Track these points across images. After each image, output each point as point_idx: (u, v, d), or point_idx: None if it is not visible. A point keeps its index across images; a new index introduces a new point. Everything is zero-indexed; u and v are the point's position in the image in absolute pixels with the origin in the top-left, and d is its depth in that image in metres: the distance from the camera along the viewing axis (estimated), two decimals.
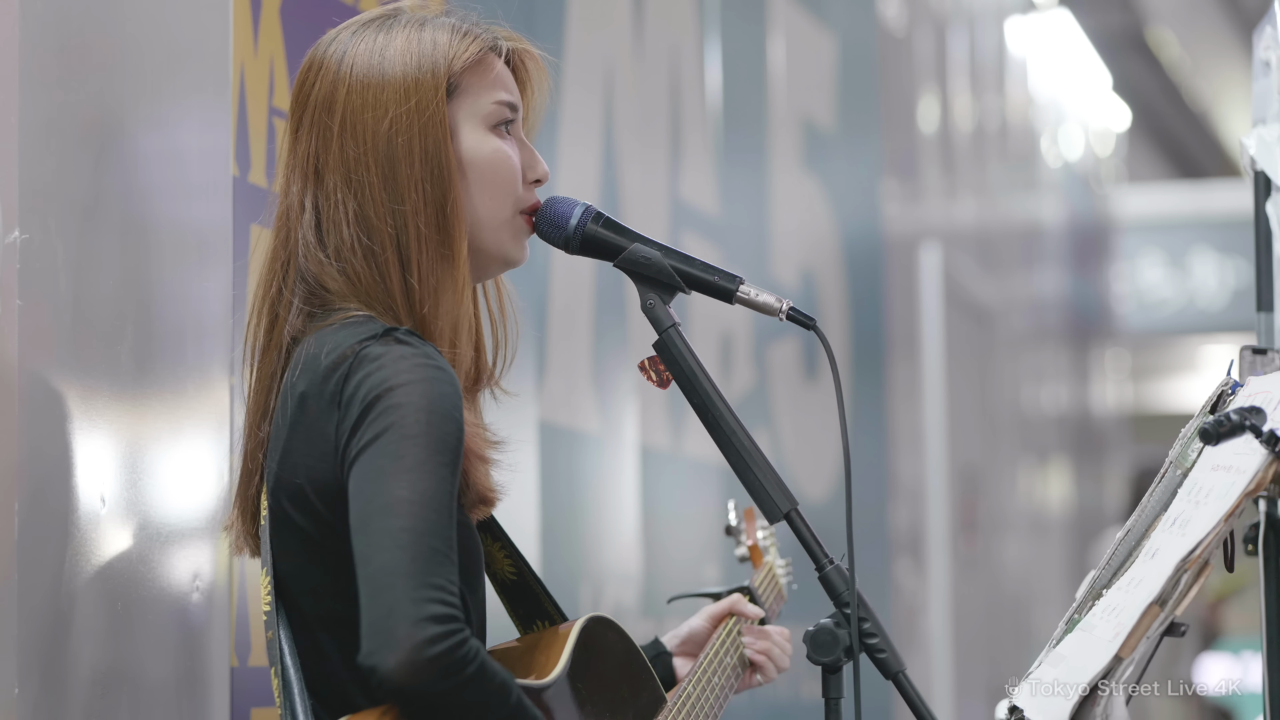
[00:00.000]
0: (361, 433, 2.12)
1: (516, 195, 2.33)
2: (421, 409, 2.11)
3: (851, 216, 6.39)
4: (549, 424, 4.02)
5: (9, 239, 2.33)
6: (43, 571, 2.34)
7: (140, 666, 2.53)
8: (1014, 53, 9.31)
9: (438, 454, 2.10)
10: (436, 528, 2.06)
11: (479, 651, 2.03)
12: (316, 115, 2.29)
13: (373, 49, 2.29)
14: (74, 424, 2.41)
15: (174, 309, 2.64)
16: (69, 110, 2.44)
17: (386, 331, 2.19)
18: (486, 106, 2.32)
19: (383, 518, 2.06)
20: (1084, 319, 11.42)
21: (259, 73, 2.92)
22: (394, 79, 2.27)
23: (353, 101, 2.27)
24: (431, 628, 2.00)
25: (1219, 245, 13.02)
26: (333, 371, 2.18)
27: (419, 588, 2.02)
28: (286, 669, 2.21)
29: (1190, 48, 13.40)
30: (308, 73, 2.32)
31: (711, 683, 2.60)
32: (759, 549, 2.95)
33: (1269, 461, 2.39)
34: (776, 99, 5.71)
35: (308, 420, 2.19)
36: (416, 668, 1.99)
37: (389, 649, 2.00)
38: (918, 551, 7.11)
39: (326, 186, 2.27)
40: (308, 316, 2.27)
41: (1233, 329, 12.47)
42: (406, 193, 2.26)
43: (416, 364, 2.15)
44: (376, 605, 2.02)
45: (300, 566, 2.22)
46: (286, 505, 2.22)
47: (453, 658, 2.00)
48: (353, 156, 2.26)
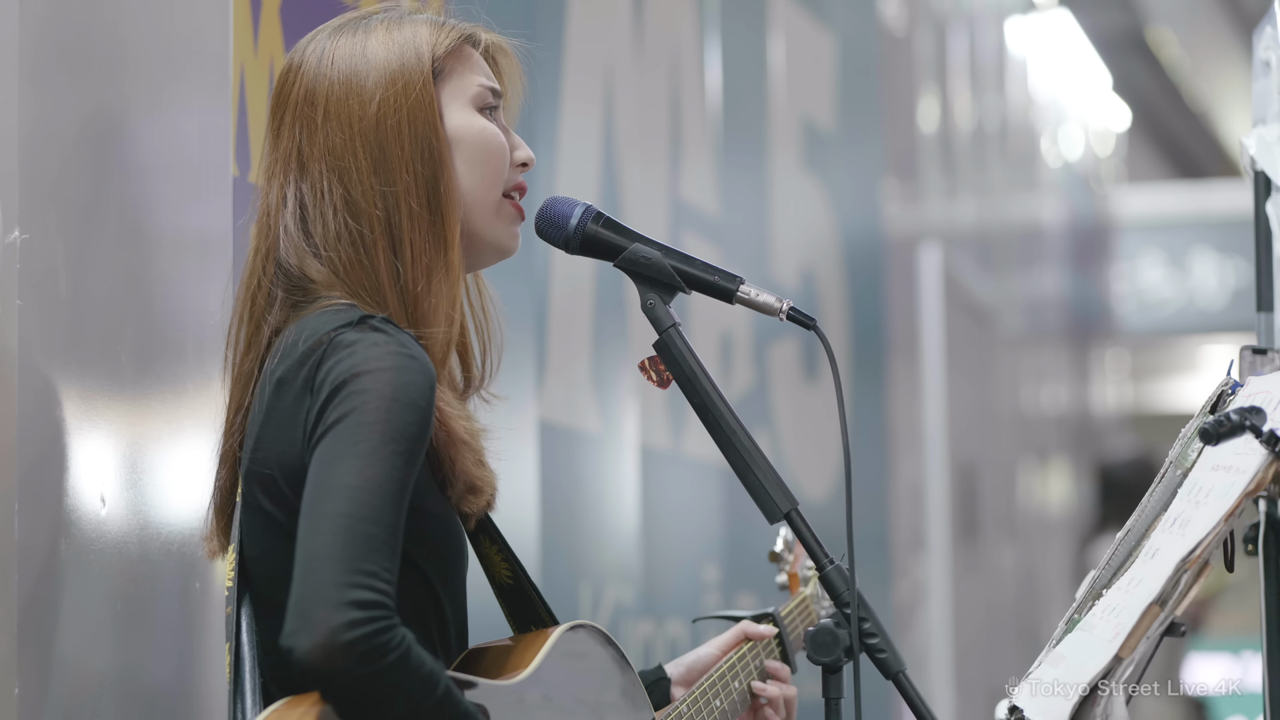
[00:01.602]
0: (325, 418, 2.12)
1: (505, 174, 2.34)
2: (384, 395, 2.11)
3: (851, 216, 6.39)
4: (549, 424, 4.02)
5: (9, 239, 2.33)
6: (43, 571, 2.34)
7: (140, 666, 2.53)
8: (1014, 53, 9.31)
9: (392, 441, 2.09)
10: (378, 514, 2.06)
11: (404, 640, 2.02)
12: (298, 110, 2.30)
13: (353, 44, 2.31)
14: (74, 424, 2.41)
15: (174, 309, 2.64)
16: (69, 110, 2.44)
17: (362, 319, 2.19)
18: (472, 87, 2.34)
19: (325, 502, 2.06)
20: (1084, 319, 11.43)
21: (259, 73, 2.92)
22: (378, 66, 2.29)
23: (336, 92, 2.28)
24: (352, 612, 1.99)
25: (1219, 245, 13.02)
26: (307, 358, 2.18)
27: (346, 573, 2.01)
28: (241, 645, 2.22)
29: (1190, 48, 13.39)
30: (287, 74, 2.33)
31: (710, 705, 2.55)
32: (798, 578, 2.88)
33: (1269, 461, 2.39)
34: (776, 99, 5.71)
35: (281, 406, 2.19)
36: (330, 651, 1.99)
37: (306, 631, 2.00)
38: (918, 552, 7.10)
39: (311, 176, 2.28)
40: (290, 308, 2.27)
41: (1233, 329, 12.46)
42: (398, 174, 2.27)
43: (387, 351, 2.15)
44: (301, 587, 2.02)
45: (267, 553, 2.21)
46: (258, 493, 2.22)
47: (371, 644, 1.99)
48: (339, 143, 2.27)
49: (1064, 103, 10.73)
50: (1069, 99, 10.87)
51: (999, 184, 8.93)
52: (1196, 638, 9.64)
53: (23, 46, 2.36)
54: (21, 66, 2.35)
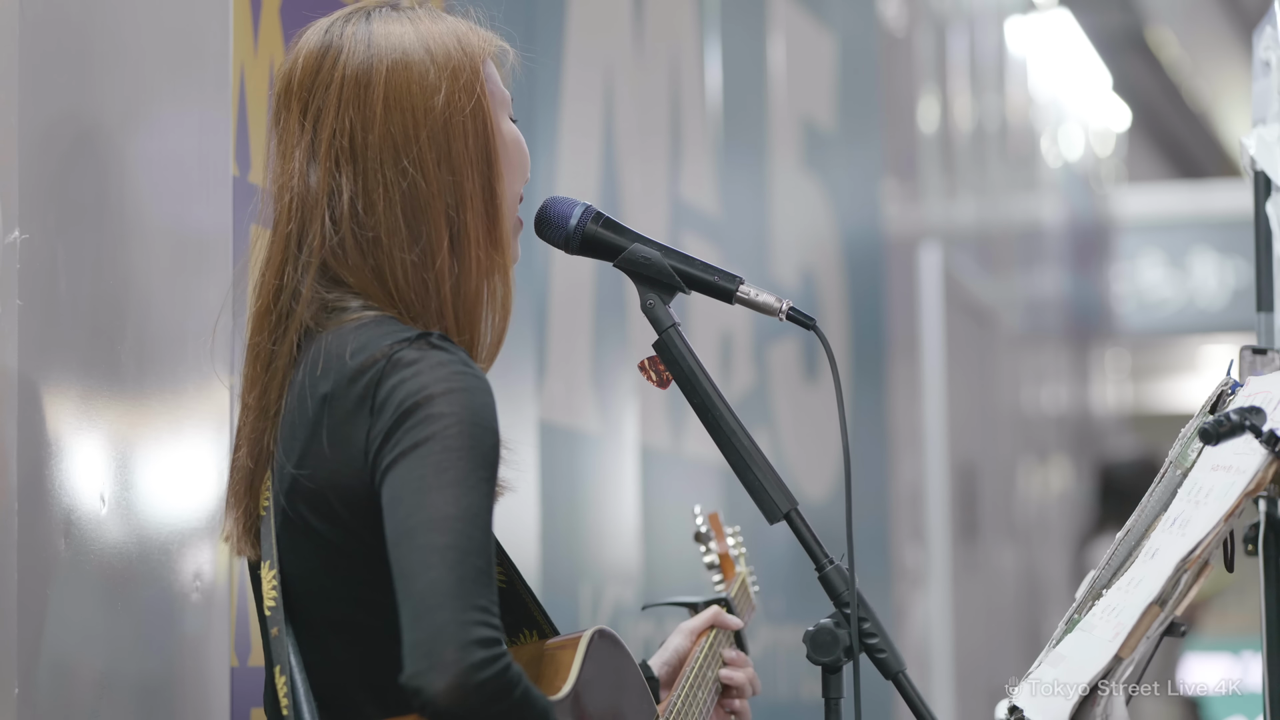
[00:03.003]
0: (397, 440, 2.07)
1: (523, 181, 2.33)
2: (464, 420, 2.07)
3: (851, 216, 6.39)
4: (549, 424, 4.02)
5: (9, 239, 2.33)
6: (43, 571, 2.34)
7: (140, 666, 2.53)
8: (1014, 53, 9.31)
9: (480, 468, 2.06)
10: (481, 546, 2.03)
11: (521, 675, 2.01)
12: (346, 94, 2.21)
13: (403, 31, 2.23)
14: (73, 424, 2.41)
15: (174, 309, 2.64)
16: (69, 110, 2.44)
17: (420, 335, 2.14)
18: (503, 94, 2.30)
19: (427, 533, 2.02)
20: (1084, 319, 11.42)
21: (259, 73, 2.92)
22: (440, 58, 2.22)
23: (396, 77, 2.21)
24: (479, 652, 1.98)
25: (1219, 245, 13.01)
26: (361, 374, 2.13)
27: (466, 610, 1.99)
28: (293, 669, 2.17)
29: (1190, 48, 13.39)
30: (321, 56, 2.23)
31: (696, 697, 2.57)
32: (729, 558, 2.89)
33: (1269, 461, 2.40)
34: (776, 99, 5.71)
35: (332, 424, 2.14)
36: (466, 691, 1.97)
37: (436, 672, 1.97)
38: (918, 552, 7.10)
39: (367, 163, 2.20)
40: (321, 308, 2.21)
41: (1233, 329, 12.46)
42: (464, 170, 2.22)
43: (454, 371, 2.10)
44: (423, 626, 1.99)
45: (312, 570, 2.18)
46: (304, 510, 2.17)
47: (500, 682, 1.98)
48: (401, 133, 2.20)
49: (1064, 103, 10.73)
50: (1069, 99, 10.87)
51: (999, 184, 8.93)
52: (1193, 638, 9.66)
53: (23, 46, 2.36)
54: (21, 66, 2.36)
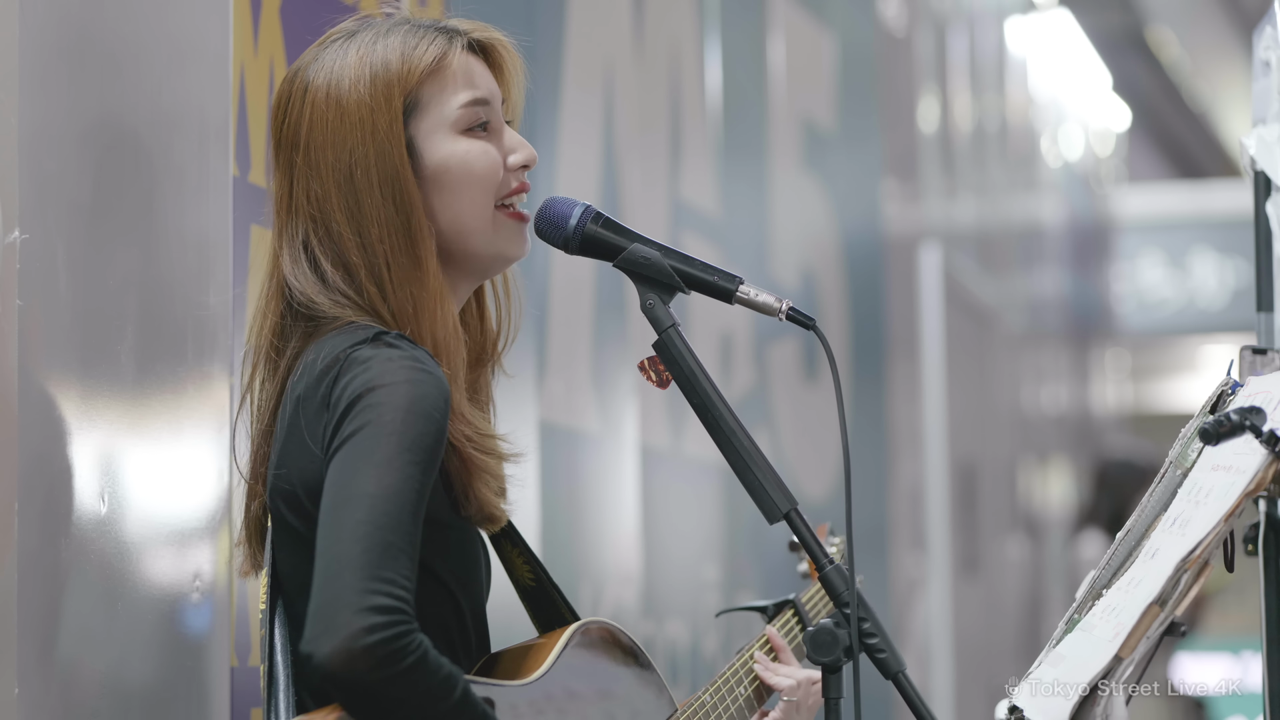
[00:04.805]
0: (341, 431, 2.15)
1: (495, 187, 2.34)
2: (399, 407, 2.14)
3: (851, 216, 6.39)
4: (549, 424, 4.02)
5: (9, 239, 2.33)
6: (43, 571, 2.34)
7: (140, 666, 2.53)
8: (1014, 53, 9.31)
9: (409, 450, 2.12)
10: (396, 523, 2.09)
11: (421, 644, 2.04)
12: (286, 151, 2.33)
13: (331, 75, 2.31)
14: (74, 424, 2.41)
15: (174, 309, 2.64)
16: (69, 110, 2.44)
17: (376, 335, 2.22)
18: (453, 113, 2.33)
19: (343, 510, 2.09)
20: (1084, 319, 11.42)
21: (259, 73, 2.92)
22: (350, 108, 2.30)
23: (315, 138, 2.31)
24: (371, 617, 2.02)
25: (1219, 245, 13.02)
26: (325, 374, 2.21)
27: (366, 579, 2.04)
28: (275, 665, 2.25)
29: (1190, 48, 13.39)
30: (281, 107, 2.34)
31: (734, 692, 2.57)
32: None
33: (1269, 461, 2.40)
34: (776, 99, 5.71)
35: (301, 423, 2.22)
36: (350, 655, 2.01)
37: (326, 636, 2.03)
38: (917, 551, 7.10)
39: (302, 220, 2.31)
40: (305, 337, 2.31)
41: (1233, 329, 12.46)
42: (371, 223, 2.29)
43: (402, 365, 2.18)
44: (322, 594, 2.05)
45: (296, 567, 2.24)
46: (283, 508, 2.25)
47: (389, 648, 2.02)
48: (318, 195, 2.30)
49: (1064, 103, 10.73)
50: (1069, 99, 10.87)
51: (999, 184, 8.93)
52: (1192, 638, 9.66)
53: (23, 46, 2.36)
54: (21, 66, 2.36)
